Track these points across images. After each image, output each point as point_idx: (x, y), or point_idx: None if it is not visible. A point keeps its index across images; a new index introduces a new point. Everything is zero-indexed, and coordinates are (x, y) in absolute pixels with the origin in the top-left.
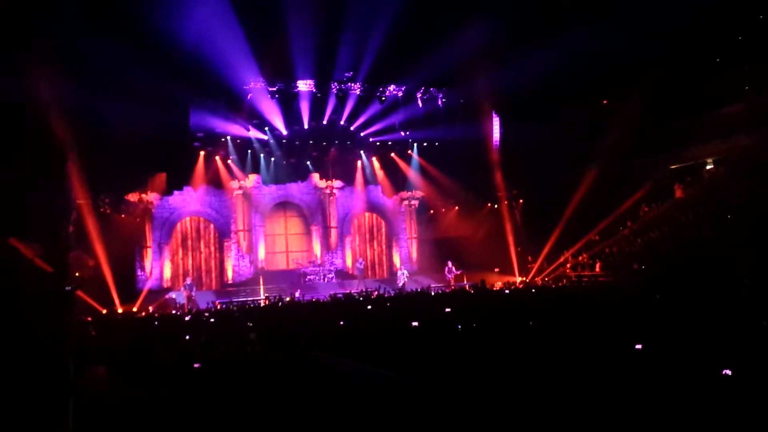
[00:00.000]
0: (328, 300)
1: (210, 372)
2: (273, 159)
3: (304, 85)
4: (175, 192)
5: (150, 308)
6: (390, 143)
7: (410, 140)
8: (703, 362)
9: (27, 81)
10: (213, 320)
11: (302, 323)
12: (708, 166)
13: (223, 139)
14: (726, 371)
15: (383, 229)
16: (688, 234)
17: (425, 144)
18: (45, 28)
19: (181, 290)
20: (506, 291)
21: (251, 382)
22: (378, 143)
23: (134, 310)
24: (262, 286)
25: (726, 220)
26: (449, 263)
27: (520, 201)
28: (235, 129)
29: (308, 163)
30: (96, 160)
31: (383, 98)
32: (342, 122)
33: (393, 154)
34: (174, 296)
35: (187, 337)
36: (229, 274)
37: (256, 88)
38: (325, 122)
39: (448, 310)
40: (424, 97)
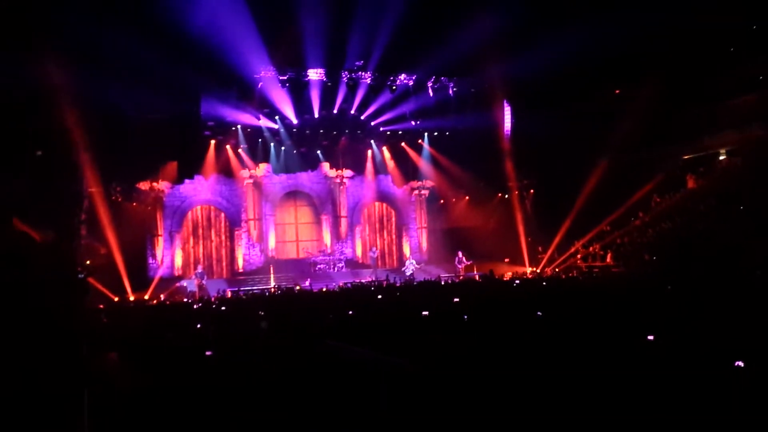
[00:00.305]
0: (338, 289)
1: (221, 359)
2: (283, 148)
3: (314, 74)
4: (186, 180)
5: (161, 296)
6: (400, 132)
7: (421, 130)
8: (716, 354)
9: (40, 70)
10: (224, 308)
11: (313, 312)
12: (721, 157)
13: (233, 128)
14: (738, 363)
15: (393, 219)
16: (701, 225)
17: (436, 133)
18: (58, 17)
19: (192, 278)
20: (516, 282)
21: (262, 370)
22: (388, 132)
23: (146, 297)
24: (272, 275)
25: (739, 211)
26: (459, 253)
27: (531, 191)
28: (246, 118)
29: (318, 152)
30: (108, 149)
31: (394, 87)
32: (352, 111)
33: (403, 144)
34: (185, 284)
35: (198, 326)
36: (240, 262)
37: (267, 77)
38: (335, 111)
39: (457, 300)
40: (435, 87)
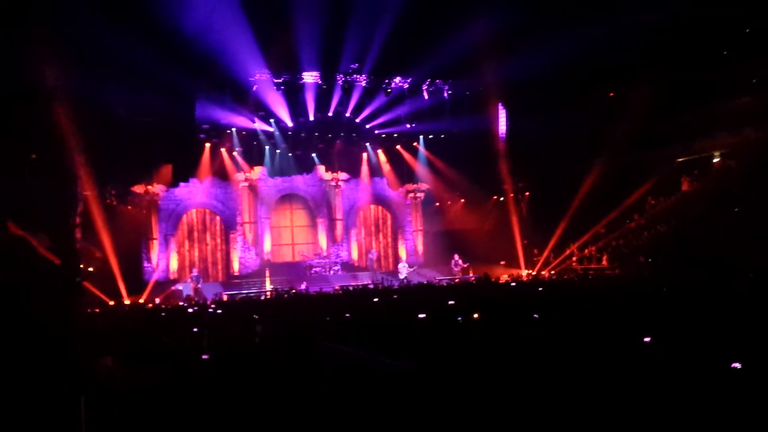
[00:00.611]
0: (336, 292)
1: (217, 363)
2: (278, 151)
3: (309, 77)
4: (181, 184)
5: (157, 300)
6: (395, 135)
7: (416, 132)
8: (712, 355)
9: (32, 70)
10: (220, 312)
11: (309, 315)
12: (715, 159)
13: (228, 131)
14: (735, 365)
15: (389, 222)
16: (696, 227)
17: (431, 136)
18: (52, 18)
19: (188, 282)
20: (512, 284)
21: (258, 373)
22: (383, 135)
23: (141, 301)
24: (268, 278)
25: (733, 214)
26: (456, 256)
27: (526, 193)
28: (241, 121)
29: (314, 155)
30: (102, 151)
31: (389, 90)
32: (347, 114)
33: (398, 147)
34: (181, 288)
35: (195, 329)
36: (236, 266)
37: (262, 80)
38: (330, 114)
39: (452, 302)
40: (430, 89)
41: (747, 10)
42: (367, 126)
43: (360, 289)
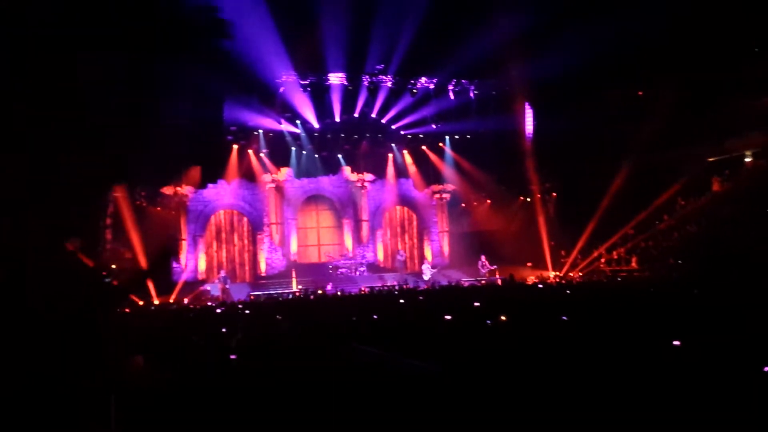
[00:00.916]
0: (362, 293)
1: (245, 363)
2: (304, 152)
3: (335, 78)
4: (210, 185)
5: (185, 300)
6: (421, 136)
7: (442, 133)
8: (744, 359)
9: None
10: (248, 312)
11: (337, 316)
12: (746, 159)
13: (255, 133)
14: None
15: (414, 223)
16: (727, 228)
17: (457, 137)
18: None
19: (216, 282)
20: (539, 286)
21: (287, 373)
22: (409, 136)
23: (170, 301)
24: (294, 279)
25: (765, 214)
26: (482, 257)
27: (554, 194)
28: (268, 122)
29: (339, 156)
30: (132, 153)
31: (414, 91)
32: (373, 115)
33: (424, 147)
34: (209, 288)
35: (223, 330)
36: (262, 266)
37: (288, 82)
38: (356, 115)
39: (477, 304)
40: (456, 89)
41: None
42: (393, 127)
43: (386, 290)
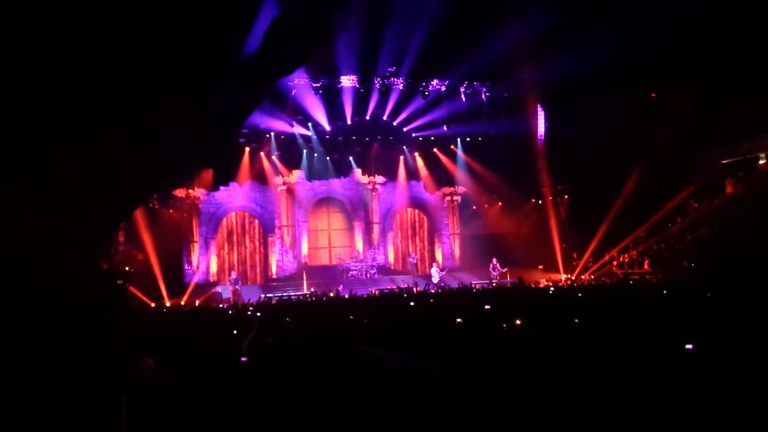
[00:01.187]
0: (372, 295)
1: (257, 365)
2: (316, 155)
3: (347, 81)
4: (221, 187)
5: (197, 302)
6: (433, 138)
7: (453, 135)
8: (758, 364)
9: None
10: (259, 314)
11: (348, 318)
12: (760, 161)
13: (267, 135)
14: None
15: (425, 225)
16: (740, 231)
17: (468, 139)
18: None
19: (227, 284)
20: (550, 289)
21: (297, 375)
22: (420, 138)
23: (182, 303)
24: (305, 281)
25: None
26: (494, 260)
27: (565, 196)
28: (279, 125)
29: (351, 158)
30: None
31: (426, 93)
32: (385, 117)
33: (436, 150)
34: (220, 290)
35: (234, 332)
36: (273, 269)
37: (300, 84)
38: (367, 117)
39: (488, 307)
40: (468, 92)
41: None
42: (405, 129)
43: (396, 292)
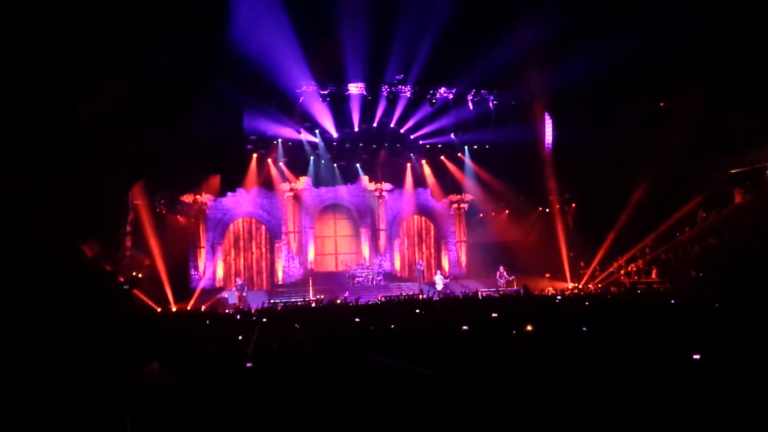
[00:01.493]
0: (378, 302)
1: (262, 371)
2: (323, 161)
3: (355, 88)
4: (229, 193)
5: (203, 307)
6: (440, 146)
7: (460, 143)
8: (765, 374)
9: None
10: (264, 320)
11: (354, 325)
12: None
13: (274, 142)
14: None
15: (432, 233)
16: (749, 240)
17: (476, 146)
18: (109, 29)
19: (233, 290)
20: (557, 298)
21: (303, 381)
22: (428, 146)
23: (188, 308)
24: (311, 288)
25: None
26: (501, 268)
27: (573, 204)
28: (287, 132)
29: (358, 165)
30: (153, 162)
31: (433, 101)
32: (392, 125)
33: (443, 157)
34: (226, 296)
35: (240, 337)
36: (280, 275)
37: (308, 92)
38: (375, 125)
39: (495, 315)
40: (475, 100)
41: None
42: (412, 136)
43: (402, 299)
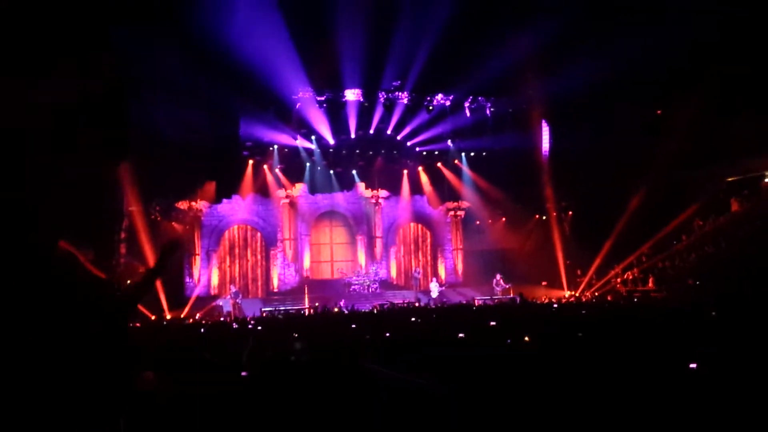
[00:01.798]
0: (374, 310)
1: (257, 380)
2: (319, 168)
3: (351, 95)
4: (224, 200)
5: (197, 315)
6: (437, 153)
7: (457, 150)
8: (763, 385)
9: (83, 85)
10: (259, 328)
11: (349, 333)
12: (766, 179)
13: (271, 148)
14: None
15: (428, 240)
16: (746, 249)
17: (473, 154)
18: (105, 35)
19: (227, 298)
20: (554, 306)
21: (298, 390)
22: (424, 153)
23: (182, 316)
24: (307, 296)
25: None
26: (497, 276)
27: (570, 212)
28: (283, 138)
29: (354, 172)
30: (148, 168)
31: (430, 107)
32: (389, 131)
33: (439, 164)
34: (221, 303)
35: (234, 345)
36: (275, 282)
37: (305, 98)
38: (371, 131)
39: (494, 323)
40: (472, 107)
41: None
42: (409, 143)
43: (398, 307)
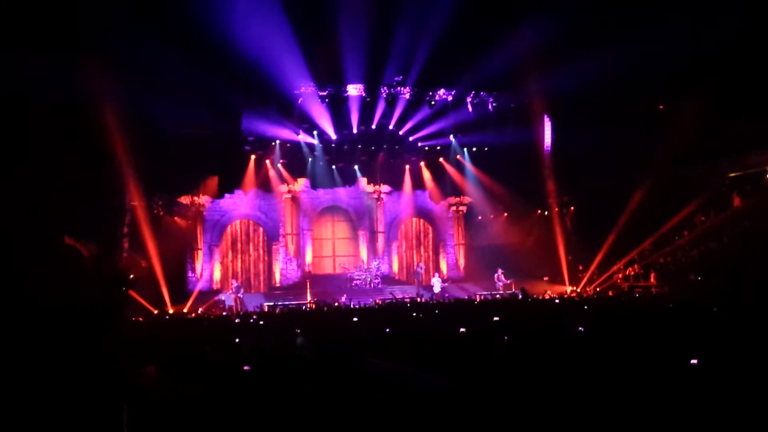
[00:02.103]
0: (376, 305)
1: (259, 374)
2: (321, 163)
3: (353, 90)
4: (226, 195)
5: (200, 309)
6: (439, 148)
7: (460, 145)
8: (765, 381)
9: (87, 80)
10: (261, 323)
11: (351, 328)
12: None
13: (273, 143)
14: None
15: (430, 235)
16: (748, 245)
17: (475, 149)
18: (106, 31)
19: (229, 293)
20: (555, 301)
21: (300, 385)
22: (427, 148)
23: (184, 311)
24: (309, 290)
25: None
26: (499, 271)
27: (572, 208)
28: (285, 133)
29: (356, 167)
30: (151, 163)
31: (433, 102)
32: (391, 126)
33: (442, 159)
34: (223, 298)
35: (237, 340)
36: (277, 277)
37: (307, 93)
38: (374, 126)
39: (497, 318)
40: (474, 102)
41: None
42: (411, 138)
43: (399, 302)
